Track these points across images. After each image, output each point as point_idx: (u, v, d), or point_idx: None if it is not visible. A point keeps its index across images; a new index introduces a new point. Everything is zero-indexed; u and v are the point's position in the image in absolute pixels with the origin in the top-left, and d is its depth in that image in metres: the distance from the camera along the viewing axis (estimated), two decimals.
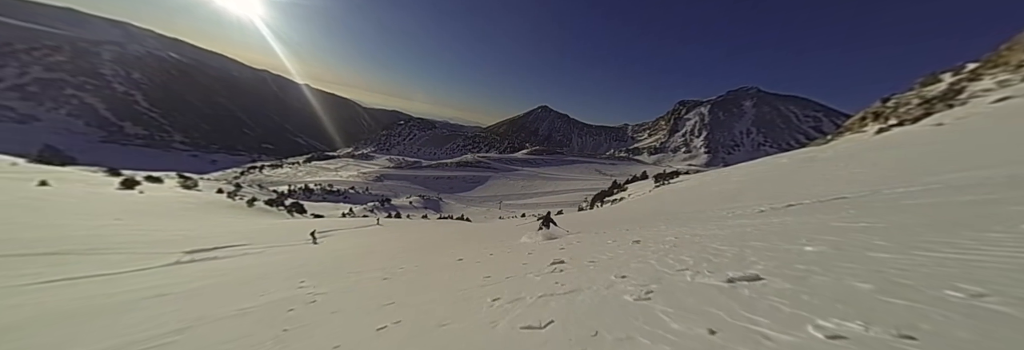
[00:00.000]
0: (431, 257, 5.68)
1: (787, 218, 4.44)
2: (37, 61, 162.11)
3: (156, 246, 7.88)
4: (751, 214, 6.25)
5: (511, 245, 5.76)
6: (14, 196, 11.85)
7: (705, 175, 34.86)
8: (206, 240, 9.53)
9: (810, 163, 14.57)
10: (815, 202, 6.13)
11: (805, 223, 3.59)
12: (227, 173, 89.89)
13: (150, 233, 9.92)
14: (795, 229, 3.19)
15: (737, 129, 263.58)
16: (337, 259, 7.10)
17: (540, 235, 6.62)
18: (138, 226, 10.82)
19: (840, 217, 3.59)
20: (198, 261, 6.90)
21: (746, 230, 3.62)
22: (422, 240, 10.62)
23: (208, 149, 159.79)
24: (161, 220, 13.39)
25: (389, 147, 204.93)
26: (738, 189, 14.06)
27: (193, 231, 11.60)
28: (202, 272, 5.80)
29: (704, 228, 4.52)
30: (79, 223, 9.81)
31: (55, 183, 16.25)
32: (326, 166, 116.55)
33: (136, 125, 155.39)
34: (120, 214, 12.79)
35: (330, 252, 8.76)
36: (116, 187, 21.21)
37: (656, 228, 5.71)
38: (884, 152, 11.33)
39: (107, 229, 9.49)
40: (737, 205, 8.89)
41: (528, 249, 4.74)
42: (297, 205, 37.59)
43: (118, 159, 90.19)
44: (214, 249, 8.32)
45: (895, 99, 22.28)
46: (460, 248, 6.61)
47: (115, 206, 14.55)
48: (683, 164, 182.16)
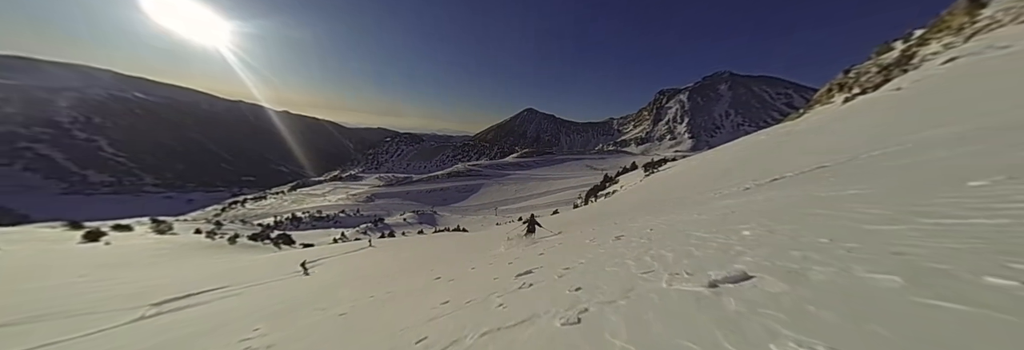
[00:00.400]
0: (409, 279, 5.31)
1: (772, 192, 4.33)
2: None
3: (122, 301, 7.20)
4: (737, 193, 6.17)
5: (494, 255, 5.39)
6: None
7: (691, 160, 35.70)
8: (179, 287, 8.75)
9: (787, 137, 14.95)
10: (798, 174, 6.08)
11: (791, 197, 3.41)
12: (206, 211, 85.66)
13: (116, 287, 9.06)
14: (782, 205, 3.01)
15: (716, 112, 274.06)
16: (313, 292, 6.54)
17: (524, 241, 6.29)
18: (104, 281, 9.88)
19: (825, 186, 3.44)
20: (166, 312, 6.30)
21: (732, 211, 3.41)
22: (411, 258, 10.08)
23: (184, 188, 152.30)
24: (131, 271, 12.34)
25: (377, 165, 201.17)
26: (723, 169, 14.24)
27: (166, 279, 10.70)
28: (163, 326, 5.30)
29: (689, 213, 4.33)
30: (32, 286, 8.86)
31: (5, 245, 14.86)
32: (313, 192, 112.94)
33: (101, 172, 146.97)
34: (84, 270, 11.73)
35: (311, 284, 8.21)
36: (78, 241, 19.59)
37: (643, 219, 5.51)
38: (853, 120, 11.65)
39: (67, 289, 8.59)
40: (723, 185, 8.88)
41: (509, 259, 4.38)
42: (284, 236, 35.86)
43: (84, 210, 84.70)
44: (186, 297, 7.66)
45: (856, 69, 23.43)
46: (444, 264, 6.19)
47: (78, 262, 13.37)
48: (670, 151, 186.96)
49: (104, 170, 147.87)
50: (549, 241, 5.64)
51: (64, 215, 40.10)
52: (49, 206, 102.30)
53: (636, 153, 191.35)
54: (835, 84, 24.75)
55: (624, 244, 3.15)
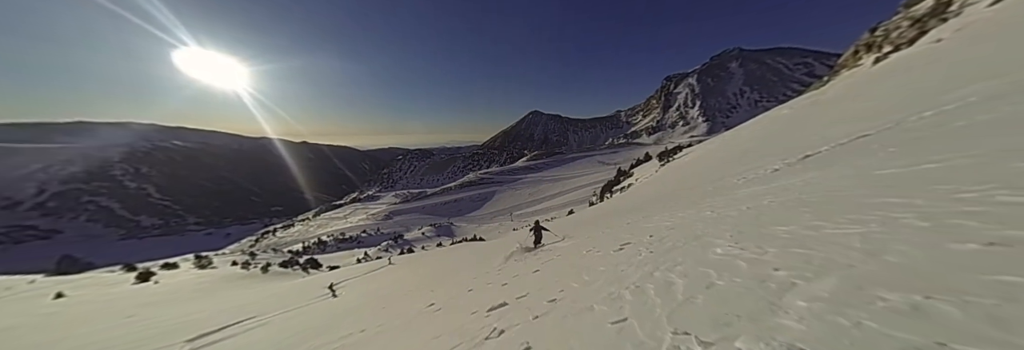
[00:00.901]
0: (410, 303, 5.06)
1: (810, 174, 3.47)
2: (53, 177, 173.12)
3: (160, 339, 7.54)
4: (764, 176, 5.31)
5: (494, 272, 4.94)
6: (24, 316, 11.56)
7: (708, 143, 33.64)
8: (214, 321, 9.11)
9: (814, 108, 13.61)
10: (835, 147, 5.17)
11: (840, 178, 2.62)
12: (243, 243, 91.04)
13: (159, 325, 9.58)
14: (830, 190, 2.29)
15: (730, 91, 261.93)
16: (325, 320, 6.51)
17: (523, 254, 5.82)
18: (148, 319, 10.50)
19: (882, 160, 2.68)
20: (200, 347, 6.41)
21: (761, 203, 2.77)
22: (421, 276, 9.84)
23: (221, 224, 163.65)
24: (174, 307, 13.03)
25: (392, 183, 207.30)
26: (745, 150, 13.04)
27: (204, 312, 11.19)
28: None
29: (710, 208, 3.66)
30: (86, 330, 9.50)
31: (70, 292, 16.10)
32: (336, 215, 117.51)
33: (151, 217, 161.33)
34: (133, 310, 12.50)
35: (331, 309, 8.21)
36: (132, 282, 21.00)
37: (657, 216, 4.88)
38: (888, 80, 10.33)
39: (115, 331, 9.14)
40: (747, 168, 7.90)
41: (505, 277, 3.90)
42: (312, 261, 37.01)
43: (139, 253, 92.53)
44: (219, 330, 7.91)
45: (883, 26, 21.23)
46: (448, 282, 5.85)
47: (129, 302, 14.27)
48: (685, 137, 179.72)
49: (153, 214, 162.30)
50: (552, 251, 5.09)
51: (123, 259, 43.80)
52: (109, 252, 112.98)
53: (649, 143, 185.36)
54: (861, 45, 22.49)
55: (628, 257, 2.66)
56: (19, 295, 15.46)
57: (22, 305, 13.21)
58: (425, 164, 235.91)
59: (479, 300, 3.30)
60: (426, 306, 4.13)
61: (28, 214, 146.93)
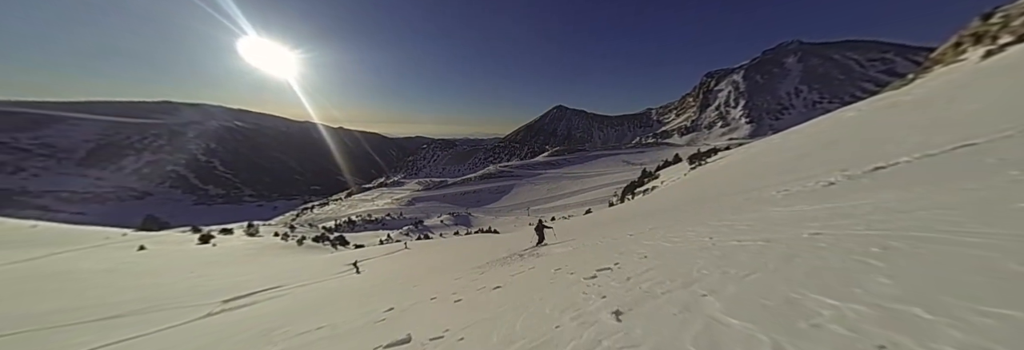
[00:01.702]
0: (383, 300, 4.90)
1: (883, 194, 2.40)
2: (146, 148, 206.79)
3: (205, 297, 8.91)
4: (815, 191, 4.18)
5: (468, 279, 4.86)
6: (118, 262, 14.50)
7: (750, 147, 30.39)
8: (249, 284, 10.64)
9: (892, 110, 11.38)
10: (921, 158, 3.92)
11: (937, 207, 1.71)
12: (286, 217, 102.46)
13: (208, 283, 11.40)
14: (917, 225, 1.49)
15: (782, 90, 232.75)
16: (329, 299, 7.03)
17: (515, 255, 6.10)
18: (203, 277, 12.52)
19: (1004, 182, 1.88)
20: (228, 310, 7.64)
21: (799, 235, 1.84)
22: (423, 266, 10.58)
23: (270, 198, 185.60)
24: (225, 268, 15.30)
25: (416, 171, 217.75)
26: (796, 157, 11.51)
27: (246, 276, 13.06)
28: (217, 326, 6.13)
29: (731, 227, 2.83)
30: (152, 282, 11.62)
31: (150, 246, 19.70)
32: (365, 198, 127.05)
33: (217, 187, 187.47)
34: (195, 267, 15.02)
35: (341, 287, 9.00)
36: (196, 242, 25.06)
37: (665, 231, 4.17)
38: (1004, 78, 8.33)
39: (175, 285, 11.12)
40: (794, 178, 6.72)
41: (465, 293, 3.65)
42: (340, 238, 40.90)
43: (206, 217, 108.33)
44: (250, 295, 9.14)
45: (1003, 11, 17.20)
46: (432, 279, 6.15)
47: (193, 260, 17.14)
48: (722, 140, 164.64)
49: (219, 185, 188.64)
50: (540, 257, 5.02)
51: (193, 221, 52.21)
52: (184, 214, 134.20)
53: (681, 144, 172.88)
54: (967, 35, 18.35)
55: (589, 295, 2.06)
56: (115, 244, 19.31)
57: (117, 253, 16.51)
58: (448, 154, 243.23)
59: (402, 325, 2.93)
60: (386, 310, 3.72)
61: (129, 178, 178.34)
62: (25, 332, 5.98)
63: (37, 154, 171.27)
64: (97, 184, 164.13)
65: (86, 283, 10.22)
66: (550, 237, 8.38)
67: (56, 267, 11.61)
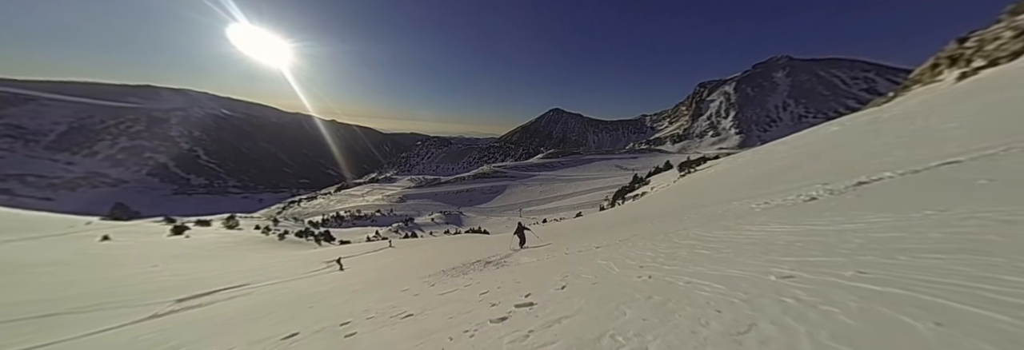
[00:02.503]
0: (345, 306, 4.70)
1: (873, 217, 2.13)
2: (123, 133, 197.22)
3: (159, 295, 8.29)
4: (795, 206, 4.00)
5: (412, 293, 4.58)
6: (74, 254, 13.51)
7: (738, 156, 31.30)
8: (214, 281, 9.98)
9: (875, 125, 11.75)
10: (906, 174, 3.92)
11: (947, 233, 1.48)
12: (271, 209, 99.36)
13: (170, 279, 10.68)
14: (925, 265, 1.27)
15: (771, 103, 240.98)
16: (270, 306, 6.23)
17: (477, 264, 6.01)
18: (165, 273, 11.74)
19: (1007, 202, 1.65)
20: (177, 311, 7.03)
21: (764, 279, 1.55)
22: (399, 266, 10.25)
23: (256, 190, 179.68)
24: (193, 263, 14.47)
25: (409, 168, 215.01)
26: (781, 168, 11.82)
27: (212, 272, 12.34)
28: (156, 329, 5.55)
29: (692, 250, 2.71)
30: (116, 274, 10.87)
31: (115, 236, 18.55)
32: (354, 193, 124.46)
33: (199, 177, 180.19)
34: (159, 260, 14.12)
35: (299, 292, 8.15)
36: (168, 234, 23.80)
37: (632, 244, 4.12)
38: (978, 99, 8.78)
39: (134, 279, 10.42)
40: (777, 190, 6.78)
41: (402, 308, 3.49)
42: (326, 234, 39.76)
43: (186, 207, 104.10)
44: (210, 293, 8.55)
45: (977, 36, 18.26)
46: (402, 285, 5.77)
47: (158, 253, 16.15)
48: (712, 148, 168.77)
49: (202, 175, 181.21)
50: (477, 278, 4.66)
51: (171, 211, 49.75)
52: (163, 204, 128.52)
53: (672, 151, 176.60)
54: (944, 57, 19.46)
55: (502, 326, 1.96)
56: (77, 233, 18.14)
57: (76, 243, 15.49)
58: (442, 152, 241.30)
59: (369, 335, 2.66)
60: (341, 324, 3.36)
61: (102, 163, 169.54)
62: None
63: (3, 135, 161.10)
64: (67, 169, 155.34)
65: (34, 276, 9.46)
66: (534, 239, 8.58)
67: (5, 257, 10.72)
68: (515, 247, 8.02)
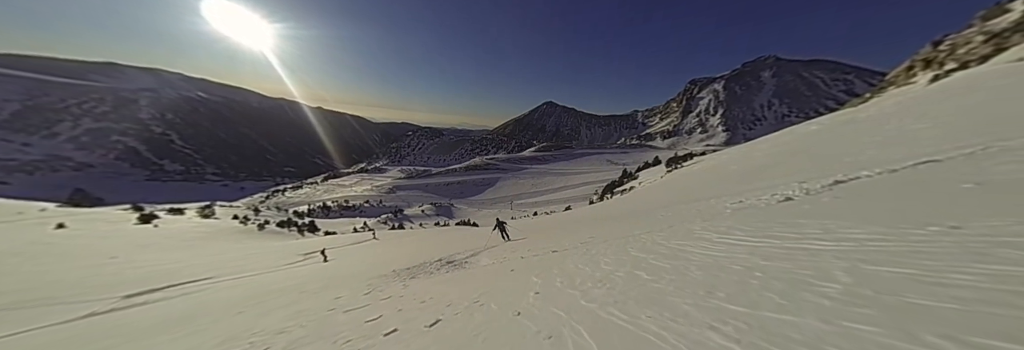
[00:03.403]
0: (307, 301, 4.68)
1: (862, 233, 1.82)
2: (86, 113, 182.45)
3: (107, 289, 7.57)
4: (768, 208, 3.82)
5: (362, 294, 4.52)
6: (20, 242, 12.39)
7: (721, 154, 32.17)
8: (176, 274, 9.33)
9: (851, 125, 12.00)
10: (884, 173, 3.85)
11: (991, 274, 0.97)
12: (253, 198, 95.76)
13: (126, 271, 9.90)
14: (936, 293, 0.91)
15: (757, 102, 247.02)
16: (227, 304, 5.94)
17: (438, 265, 5.94)
18: (122, 264, 10.92)
19: (1000, 209, 1.44)
20: (120, 309, 6.35)
21: (716, 333, 1.19)
22: (375, 261, 9.76)
23: (236, 178, 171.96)
24: (157, 254, 13.63)
25: (400, 158, 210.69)
26: (761, 166, 12.00)
27: (176, 263, 11.63)
28: (76, 332, 4.99)
29: (638, 264, 2.57)
30: (66, 266, 9.99)
31: (72, 224, 17.20)
32: (342, 183, 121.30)
33: (174, 162, 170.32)
34: (119, 251, 13.13)
35: (265, 286, 7.73)
36: (134, 223, 22.37)
37: (582, 252, 4.02)
38: (951, 101, 9.00)
39: (89, 270, 9.61)
40: (753, 188, 6.87)
41: (358, 303, 3.52)
42: (310, 225, 38.66)
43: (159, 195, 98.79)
44: (164, 288, 7.88)
45: (950, 40, 18.79)
46: (357, 283, 5.62)
47: (119, 243, 15.05)
48: (700, 145, 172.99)
49: (176, 160, 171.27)
50: (416, 284, 4.50)
51: (142, 198, 46.86)
52: (133, 190, 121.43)
53: (662, 147, 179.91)
54: (918, 60, 20.13)
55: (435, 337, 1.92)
56: (27, 221, 16.72)
57: (25, 232, 14.26)
58: (434, 143, 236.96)
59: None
60: (288, 323, 3.51)
61: (64, 145, 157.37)
62: None
63: None
64: (23, 151, 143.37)
65: None
66: (516, 233, 8.97)
67: None
68: (494, 243, 8.57)
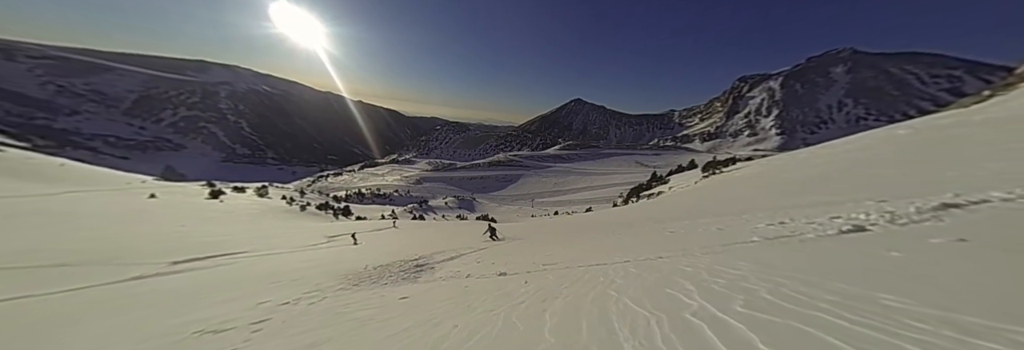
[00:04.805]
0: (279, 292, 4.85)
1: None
2: (182, 103, 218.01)
3: (162, 255, 8.39)
4: (827, 237, 2.38)
5: (333, 294, 4.52)
6: (121, 208, 15.27)
7: (772, 160, 27.87)
8: (220, 246, 10.15)
9: (961, 130, 9.06)
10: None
11: None
12: (302, 182, 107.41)
13: (186, 239, 11.18)
14: None
15: (823, 102, 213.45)
16: (233, 280, 6.39)
17: (409, 270, 6.05)
18: (187, 233, 12.38)
19: None
20: (161, 275, 6.92)
21: None
22: (378, 251, 9.87)
23: (289, 162, 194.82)
24: (215, 226, 15.62)
25: (428, 151, 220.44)
26: (822, 175, 9.42)
27: (225, 236, 12.77)
28: (109, 295, 5.35)
29: (611, 308, 1.99)
30: (141, 230, 11.74)
31: (161, 195, 20.90)
32: (376, 172, 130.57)
33: (243, 147, 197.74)
34: (188, 221, 15.33)
35: (276, 266, 8.04)
36: (206, 197, 26.52)
37: (524, 288, 3.48)
38: None
39: (157, 236, 11.17)
40: (808, 203, 5.08)
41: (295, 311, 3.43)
42: (346, 209, 42.42)
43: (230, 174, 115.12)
44: (208, 258, 8.59)
45: None
46: (327, 280, 5.75)
47: (190, 214, 17.82)
48: (746, 149, 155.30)
49: (245, 145, 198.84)
50: (343, 299, 4.31)
51: (219, 177, 55.34)
52: (212, 169, 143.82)
53: (700, 150, 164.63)
54: None
55: None
56: (132, 189, 20.69)
57: (128, 198, 17.64)
58: (460, 137, 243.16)
59: None
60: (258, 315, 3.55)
61: (166, 129, 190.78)
62: None
63: (89, 100, 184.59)
64: (140, 133, 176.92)
65: (72, 225, 10.47)
66: (514, 233, 9.38)
67: (60, 206, 12.37)
68: (486, 240, 9.96)
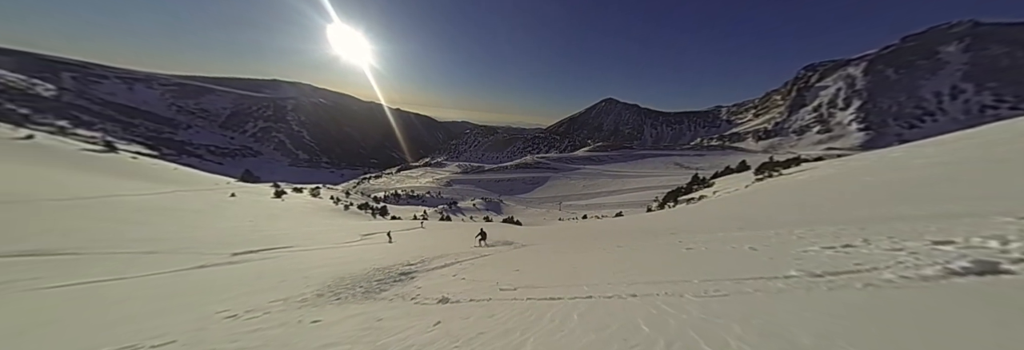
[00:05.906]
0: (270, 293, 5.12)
1: None
2: (260, 116, 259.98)
3: (228, 246, 9.43)
4: (928, 284, 1.73)
5: (314, 304, 4.52)
6: (210, 204, 18.43)
7: (854, 159, 21.23)
8: (274, 240, 11.34)
9: None
10: None
11: None
12: (348, 184, 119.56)
13: (250, 234, 12.57)
14: None
15: (927, 89, 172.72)
16: (267, 274, 6.76)
17: (393, 281, 5.89)
18: (253, 228, 13.89)
19: None
20: (220, 265, 7.55)
21: None
22: (396, 251, 10.27)
23: (339, 166, 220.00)
24: (274, 222, 17.52)
25: (458, 154, 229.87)
26: (922, 179, 7.27)
27: (281, 231, 14.25)
28: (171, 281, 5.90)
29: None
30: (218, 224, 13.42)
31: (239, 194, 24.92)
32: (411, 175, 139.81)
33: (304, 153, 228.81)
34: (255, 217, 17.53)
35: (305, 262, 8.45)
36: (271, 196, 30.94)
37: (519, 303, 3.15)
38: None
39: (229, 229, 12.68)
40: (898, 216, 3.98)
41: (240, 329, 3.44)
42: (383, 209, 46.14)
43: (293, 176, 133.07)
44: (260, 251, 9.50)
45: None
46: (258, 296, 5.31)
47: (259, 210, 20.88)
48: (817, 148, 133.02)
49: (306, 152, 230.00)
50: (414, 284, 4.50)
51: (285, 179, 64.67)
52: (280, 172, 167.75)
53: (755, 150, 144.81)
54: None
55: None
56: (220, 189, 24.99)
57: (216, 196, 21.32)
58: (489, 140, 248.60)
59: None
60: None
61: (248, 139, 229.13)
62: (65, 255, 6.49)
63: (198, 116, 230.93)
64: (230, 142, 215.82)
65: (173, 219, 12.47)
66: (532, 236, 9.50)
67: (167, 202, 15.43)
68: (476, 244, 10.79)
